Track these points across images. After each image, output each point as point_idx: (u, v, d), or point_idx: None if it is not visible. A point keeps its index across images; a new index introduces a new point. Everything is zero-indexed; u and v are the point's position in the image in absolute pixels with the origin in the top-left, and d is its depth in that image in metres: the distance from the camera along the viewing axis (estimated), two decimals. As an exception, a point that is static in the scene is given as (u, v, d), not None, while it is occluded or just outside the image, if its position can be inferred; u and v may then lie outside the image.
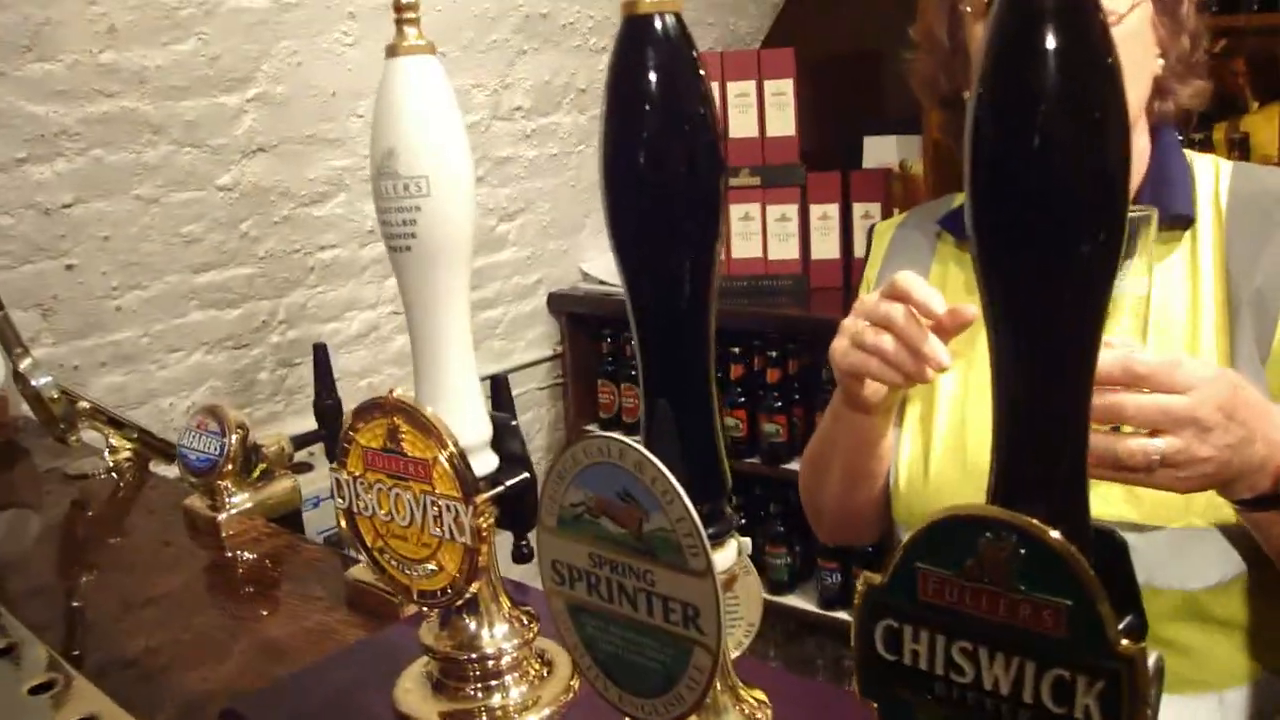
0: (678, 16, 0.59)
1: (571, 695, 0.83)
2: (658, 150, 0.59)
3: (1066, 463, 0.50)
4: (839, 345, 1.14)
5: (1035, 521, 0.45)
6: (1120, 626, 0.44)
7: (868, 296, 1.12)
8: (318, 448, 1.50)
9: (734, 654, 0.73)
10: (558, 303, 3.29)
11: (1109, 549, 0.52)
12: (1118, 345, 0.91)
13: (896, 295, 1.07)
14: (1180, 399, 0.90)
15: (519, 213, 3.16)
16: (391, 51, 0.77)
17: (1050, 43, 0.44)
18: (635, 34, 0.59)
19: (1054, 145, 0.45)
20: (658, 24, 0.59)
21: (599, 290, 3.28)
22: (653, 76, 0.59)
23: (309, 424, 1.44)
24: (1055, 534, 0.45)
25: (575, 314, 3.30)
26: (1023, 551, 0.46)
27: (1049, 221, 0.46)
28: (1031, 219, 0.46)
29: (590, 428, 3.30)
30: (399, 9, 0.77)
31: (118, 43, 2.18)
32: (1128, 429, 0.91)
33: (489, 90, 2.98)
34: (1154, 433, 0.90)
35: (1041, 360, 0.49)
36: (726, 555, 0.67)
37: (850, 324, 1.13)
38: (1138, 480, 0.92)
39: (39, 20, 2.06)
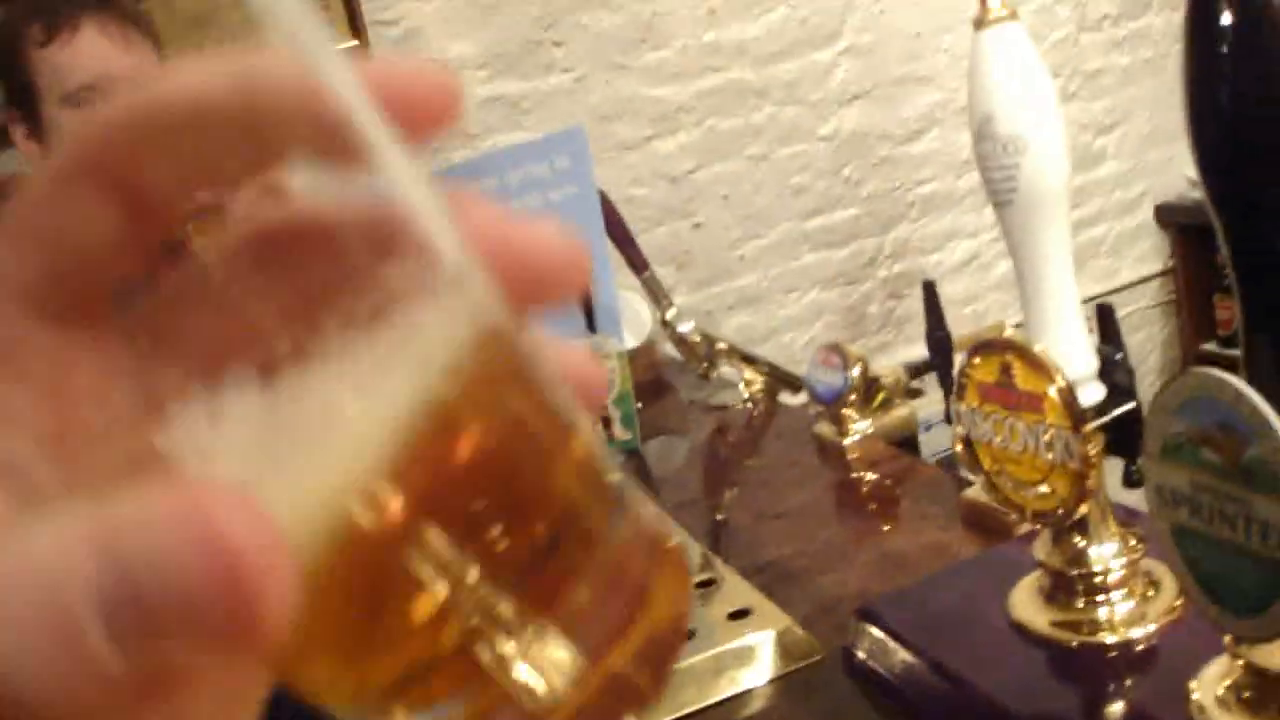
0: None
1: (1175, 614, 0.84)
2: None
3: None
4: None
5: None
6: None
7: None
8: (929, 376, 1.59)
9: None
10: (1166, 214, 3.03)
11: None
12: None
13: None
14: None
15: (1115, 125, 2.95)
16: (978, 24, 0.84)
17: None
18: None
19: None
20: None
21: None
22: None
23: (917, 352, 1.52)
24: None
25: (1186, 225, 3.00)
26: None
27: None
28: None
29: (1207, 346, 3.05)
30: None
31: (717, 23, 2.41)
32: None
33: (1073, 4, 2.84)
34: None
35: None
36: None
37: None
38: None
39: (648, 15, 2.34)
